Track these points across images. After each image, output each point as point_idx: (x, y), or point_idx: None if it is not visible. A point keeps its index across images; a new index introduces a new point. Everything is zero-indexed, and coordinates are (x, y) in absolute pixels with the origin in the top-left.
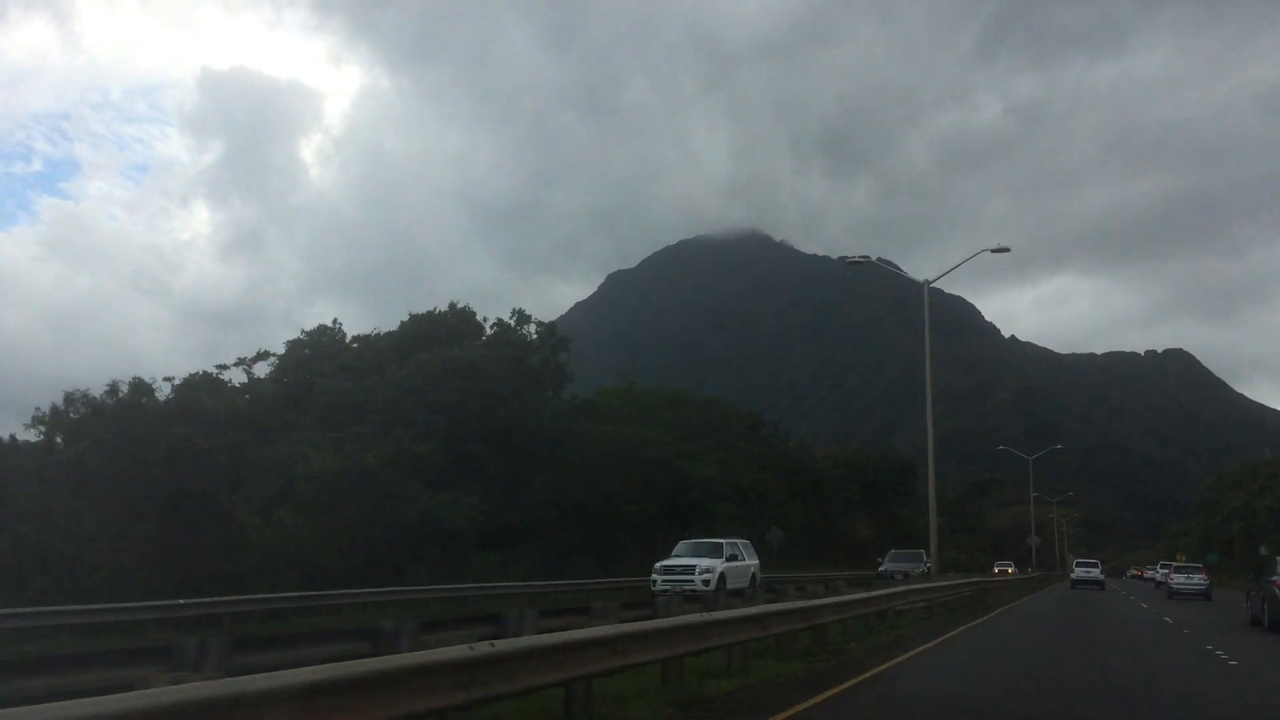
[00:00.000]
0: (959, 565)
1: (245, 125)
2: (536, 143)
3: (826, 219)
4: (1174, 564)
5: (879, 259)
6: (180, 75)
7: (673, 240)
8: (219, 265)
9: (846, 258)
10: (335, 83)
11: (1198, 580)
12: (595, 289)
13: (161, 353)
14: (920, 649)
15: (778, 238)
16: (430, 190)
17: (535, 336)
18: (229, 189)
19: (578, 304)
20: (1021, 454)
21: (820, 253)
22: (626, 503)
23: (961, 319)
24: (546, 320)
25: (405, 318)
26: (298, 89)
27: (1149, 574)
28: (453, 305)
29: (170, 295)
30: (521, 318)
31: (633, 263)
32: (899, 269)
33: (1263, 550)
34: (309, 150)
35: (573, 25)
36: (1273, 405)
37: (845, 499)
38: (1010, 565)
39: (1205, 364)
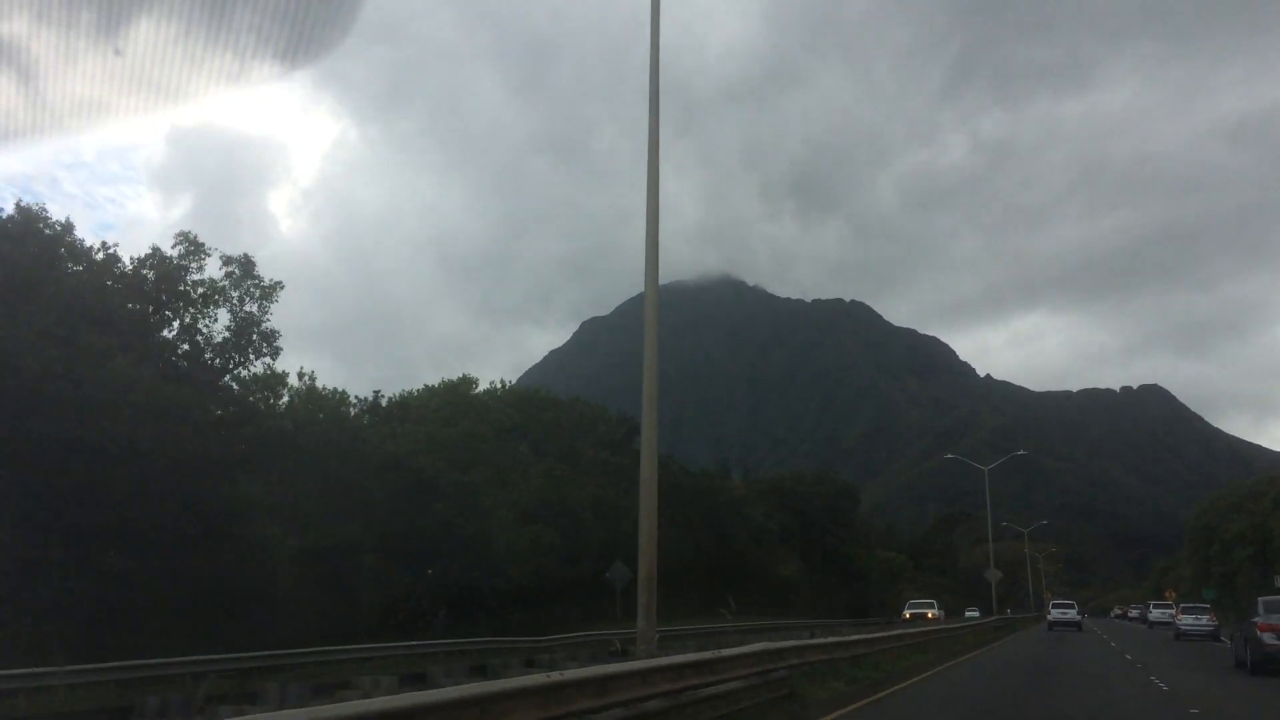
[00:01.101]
0: (873, 612)
1: (213, 179)
2: (507, 191)
3: (798, 262)
4: (1156, 602)
5: (855, 301)
6: (150, 133)
7: None
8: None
9: (821, 300)
10: (304, 134)
11: (1205, 622)
12: (569, 336)
13: None
14: None
15: (751, 282)
16: (401, 240)
17: None
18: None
19: (552, 351)
20: (977, 465)
21: (794, 296)
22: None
23: (938, 360)
24: (524, 369)
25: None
26: (266, 142)
27: (1133, 613)
28: None
29: None
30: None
31: (607, 310)
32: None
33: (1277, 582)
34: (278, 203)
35: (541, 73)
36: (1251, 439)
37: (756, 530)
38: (931, 607)
39: (1181, 399)
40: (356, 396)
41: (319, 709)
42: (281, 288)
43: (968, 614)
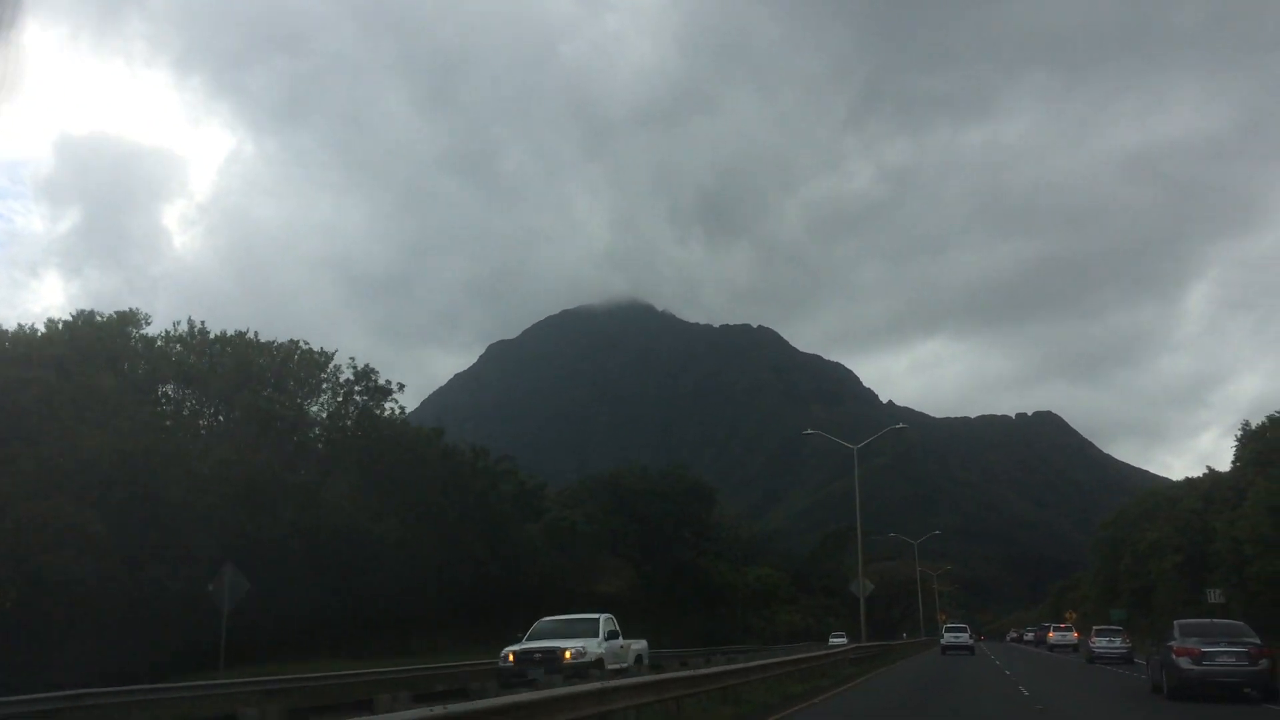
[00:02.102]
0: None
1: (104, 192)
2: (412, 209)
3: (706, 286)
4: (1056, 625)
5: (763, 327)
6: (37, 144)
7: (554, 310)
8: None
9: (729, 325)
10: (199, 146)
11: (1119, 644)
12: (476, 360)
13: None
14: None
15: (659, 307)
16: (301, 259)
17: None
18: (84, 259)
19: (458, 375)
20: (847, 444)
21: (702, 321)
22: None
23: (842, 386)
24: (428, 392)
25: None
26: (160, 153)
27: (1028, 635)
28: None
29: None
30: None
31: (514, 333)
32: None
33: (1214, 597)
34: (172, 217)
35: (448, 89)
36: (1139, 465)
37: (563, 538)
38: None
39: (1073, 425)
40: None
41: None
42: None
43: (833, 640)
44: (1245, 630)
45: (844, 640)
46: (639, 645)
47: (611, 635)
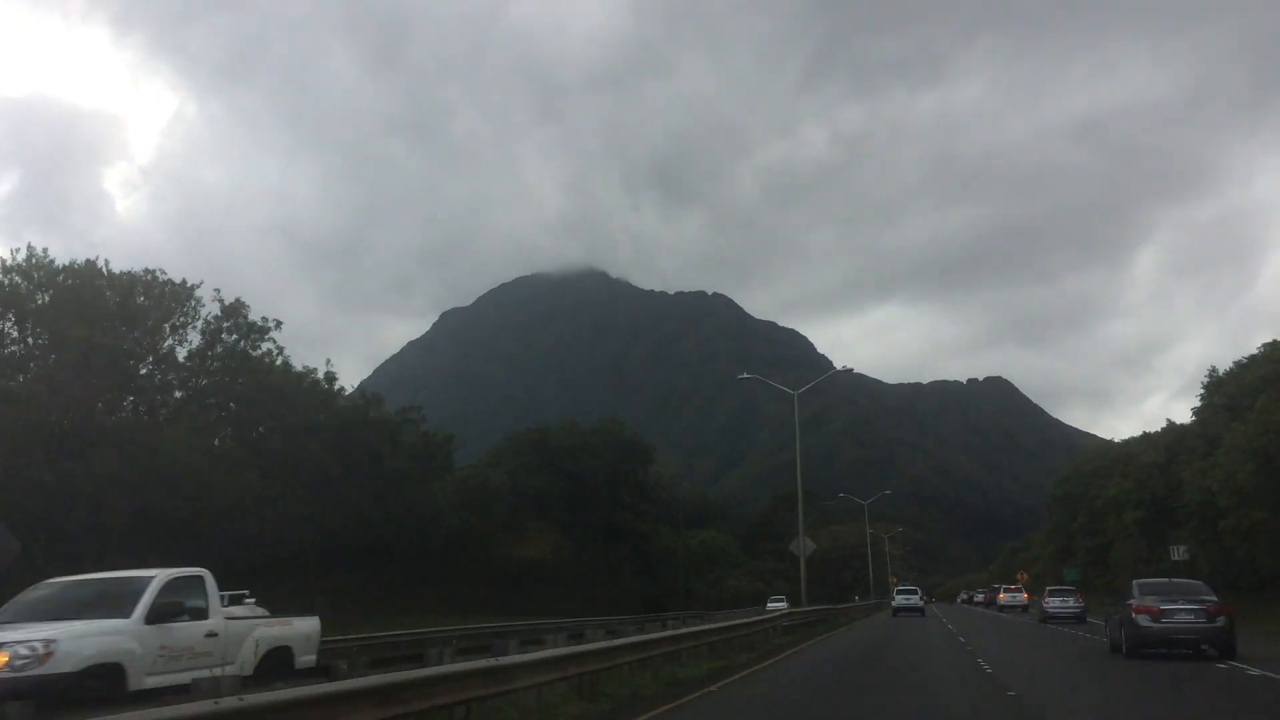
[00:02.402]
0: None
1: (43, 155)
2: (361, 173)
3: (660, 253)
4: (1005, 586)
5: (717, 294)
6: None
7: (509, 277)
8: None
9: (684, 292)
10: (140, 108)
11: (1073, 604)
12: (429, 328)
13: None
14: None
15: (614, 274)
16: (248, 224)
17: None
18: (23, 223)
19: (410, 343)
20: (786, 389)
21: (657, 288)
22: None
23: (796, 353)
24: (381, 360)
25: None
26: (100, 115)
27: (978, 597)
28: None
29: None
30: None
31: (467, 300)
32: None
33: (1177, 554)
34: (114, 181)
35: (396, 48)
36: (1087, 429)
37: (482, 501)
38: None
39: (1023, 390)
40: None
41: None
42: None
43: (771, 604)
44: (1203, 589)
45: (783, 605)
46: (301, 626)
47: (172, 612)
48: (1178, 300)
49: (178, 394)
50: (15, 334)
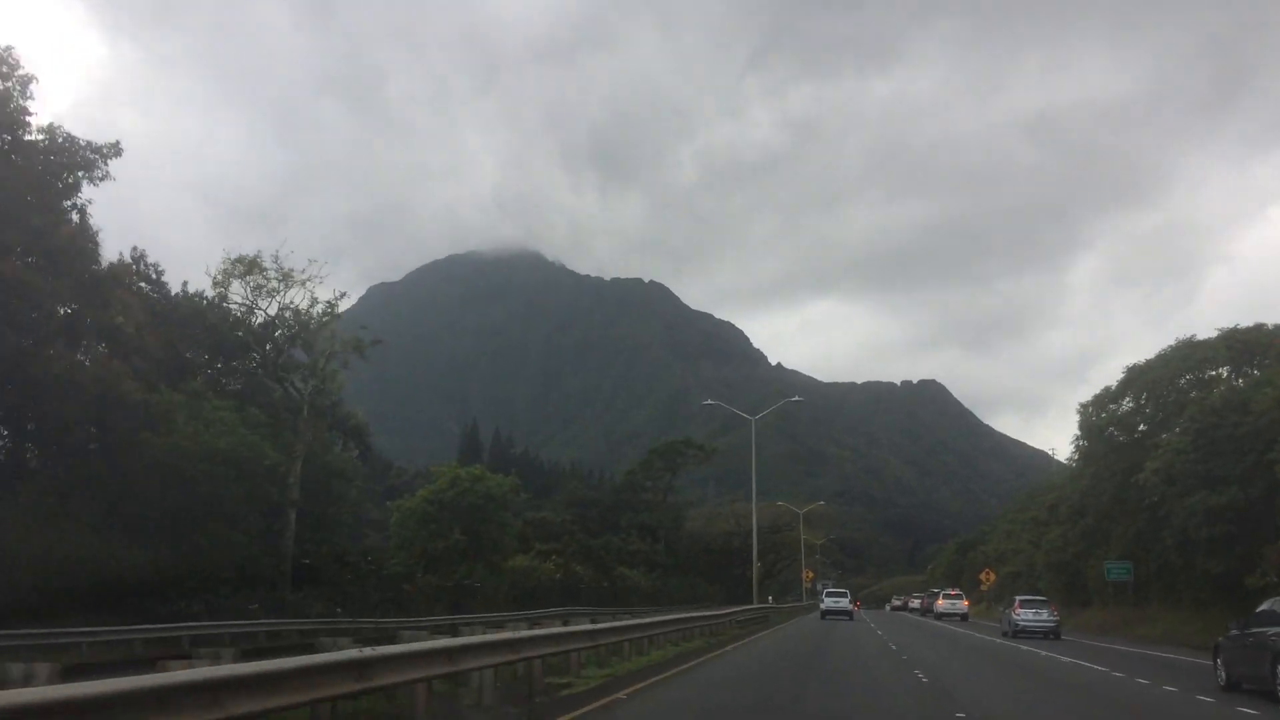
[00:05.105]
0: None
1: None
2: (288, 134)
3: (598, 236)
4: (943, 592)
5: (654, 282)
6: None
7: (441, 254)
8: None
9: (620, 279)
10: (50, 48)
11: (1047, 617)
12: (355, 301)
13: None
14: None
15: (550, 256)
16: (162, 181)
17: None
18: None
19: (334, 316)
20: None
21: (592, 273)
22: None
23: (732, 346)
24: None
25: None
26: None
27: (914, 603)
28: None
29: None
30: None
31: (397, 275)
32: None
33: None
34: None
35: (329, 3)
36: (1018, 437)
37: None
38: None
39: (957, 395)
40: None
41: None
42: None
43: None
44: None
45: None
46: None
47: None
48: (1116, 311)
49: None
50: None
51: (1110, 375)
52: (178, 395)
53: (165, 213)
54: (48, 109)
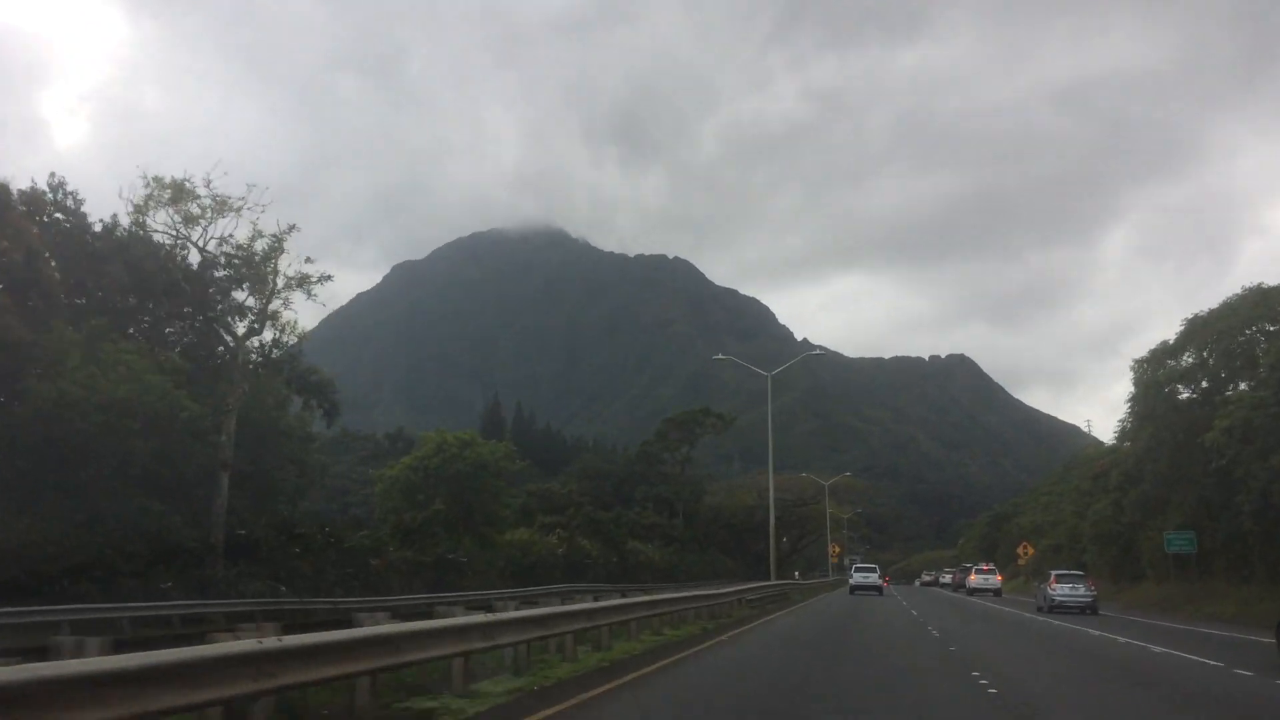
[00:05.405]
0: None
1: None
2: (310, 111)
3: (620, 212)
4: (976, 566)
5: (678, 258)
6: None
7: (465, 232)
8: None
9: (644, 255)
10: (75, 28)
11: (1083, 592)
12: (380, 279)
13: None
14: None
15: (573, 234)
16: (189, 159)
17: None
18: None
19: (360, 295)
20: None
21: (615, 249)
22: None
23: (757, 322)
24: (328, 312)
25: None
26: (32, 34)
27: (945, 578)
28: None
29: None
30: None
31: (421, 254)
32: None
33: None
34: (49, 107)
35: None
36: (1049, 411)
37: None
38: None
39: (986, 370)
40: None
41: None
42: None
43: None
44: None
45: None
46: None
47: None
48: (1148, 284)
49: None
50: None
51: (1142, 349)
52: (75, 335)
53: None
54: (71, 88)
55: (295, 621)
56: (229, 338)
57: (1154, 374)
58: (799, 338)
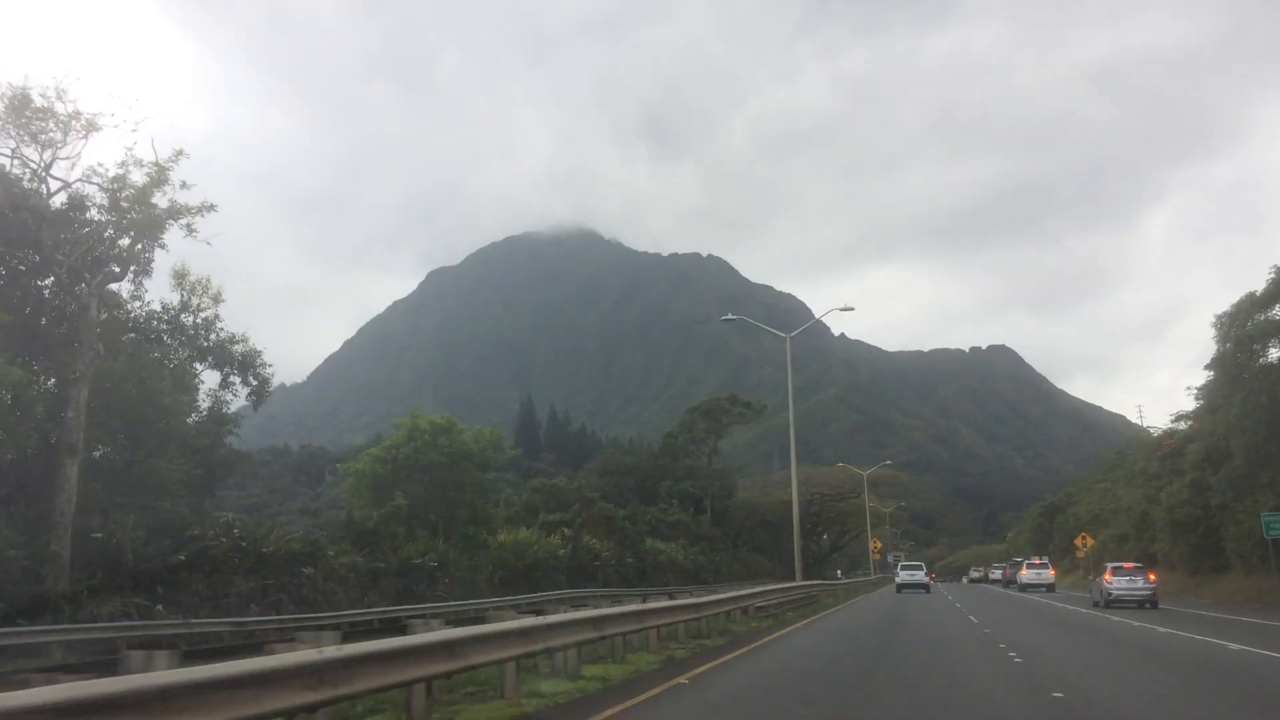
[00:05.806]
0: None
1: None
2: (342, 120)
3: (651, 210)
4: (1027, 561)
5: (712, 256)
6: None
7: (498, 236)
8: None
9: (678, 254)
10: (108, 40)
11: (1141, 585)
12: (415, 286)
13: None
14: None
15: (606, 235)
16: (220, 172)
17: None
18: None
19: (396, 302)
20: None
21: (649, 249)
22: None
23: (794, 318)
24: (365, 319)
25: None
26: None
27: (994, 573)
28: None
29: None
30: None
31: (456, 260)
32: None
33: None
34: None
35: None
36: (1092, 401)
37: None
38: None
39: (1028, 360)
40: None
41: None
42: None
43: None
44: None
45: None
46: None
47: None
48: (1191, 267)
49: None
50: None
51: (1187, 335)
52: None
53: (227, 205)
54: (118, 108)
55: (195, 648)
56: (82, 287)
57: (1242, 329)
58: (836, 333)
